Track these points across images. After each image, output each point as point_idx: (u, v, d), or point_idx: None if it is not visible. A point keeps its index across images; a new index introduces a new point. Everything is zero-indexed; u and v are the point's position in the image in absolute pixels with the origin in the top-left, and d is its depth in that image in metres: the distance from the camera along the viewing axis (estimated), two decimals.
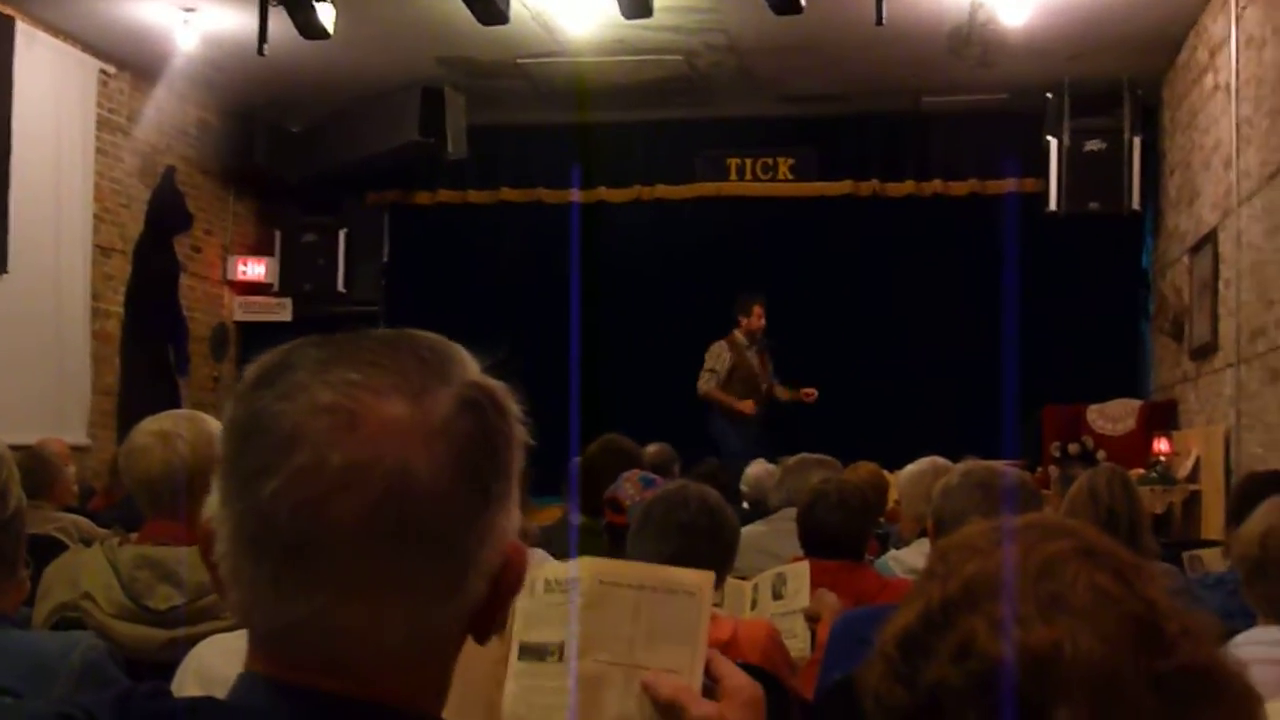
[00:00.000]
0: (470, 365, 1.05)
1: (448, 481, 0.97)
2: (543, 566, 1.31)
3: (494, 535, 1.01)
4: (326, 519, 0.93)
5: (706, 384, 9.55)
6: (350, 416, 0.95)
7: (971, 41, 9.24)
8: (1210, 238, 8.33)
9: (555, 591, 1.29)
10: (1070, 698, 0.90)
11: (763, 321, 9.58)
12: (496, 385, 1.06)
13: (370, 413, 0.96)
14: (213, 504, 1.00)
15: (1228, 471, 7.60)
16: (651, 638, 1.25)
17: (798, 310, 9.87)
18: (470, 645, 1.13)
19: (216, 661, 2.07)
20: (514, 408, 1.07)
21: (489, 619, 1.05)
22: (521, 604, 1.30)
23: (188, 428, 2.81)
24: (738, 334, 9.60)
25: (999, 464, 3.21)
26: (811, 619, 3.68)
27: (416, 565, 0.96)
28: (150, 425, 2.86)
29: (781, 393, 9.59)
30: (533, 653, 1.28)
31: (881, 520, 6.51)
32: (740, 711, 1.20)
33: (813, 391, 9.45)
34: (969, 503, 2.99)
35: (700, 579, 1.27)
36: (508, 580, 1.04)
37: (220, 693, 1.02)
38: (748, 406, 9.43)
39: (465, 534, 0.99)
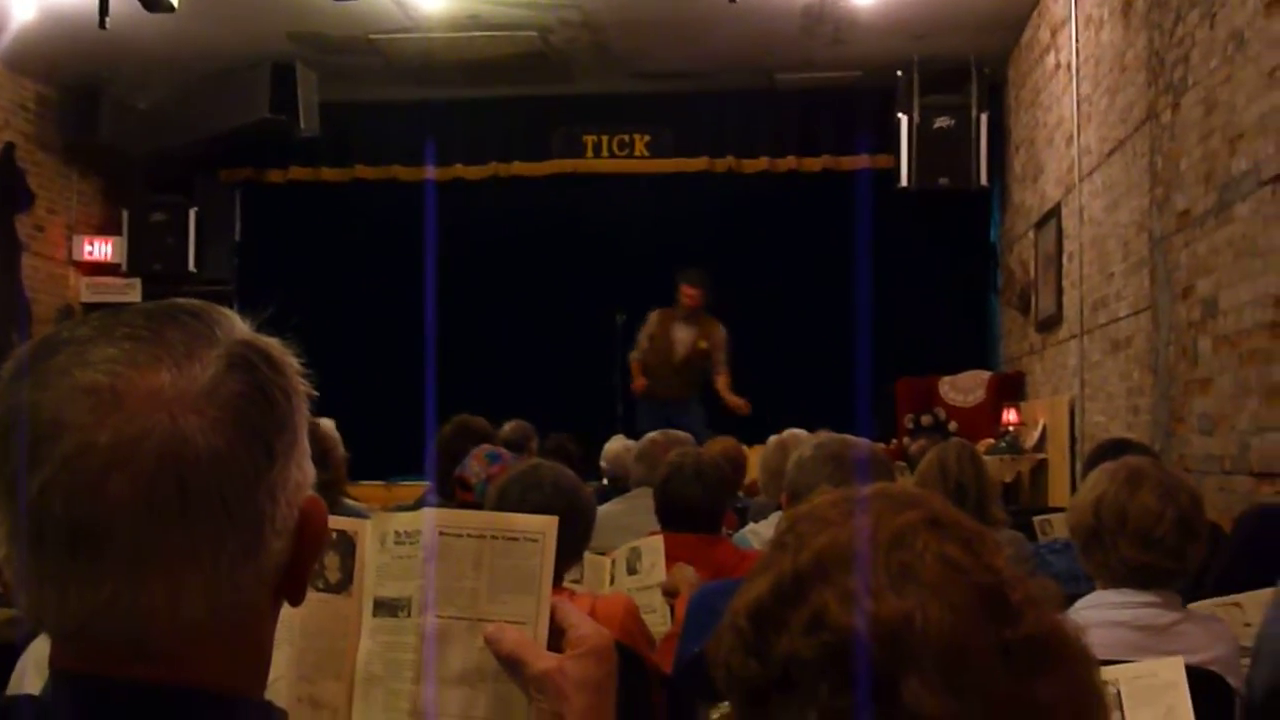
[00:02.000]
0: (238, 325, 1.01)
1: (224, 443, 0.94)
2: (391, 518, 1.29)
3: (285, 490, 0.98)
4: (103, 502, 0.90)
5: (631, 354, 9.52)
6: (113, 394, 0.92)
7: (824, 19, 9.34)
8: (1054, 213, 8.55)
9: (405, 543, 1.26)
10: (921, 668, 0.90)
11: (693, 301, 9.47)
12: (268, 341, 1.01)
13: (133, 387, 0.93)
14: None
15: (1073, 440, 7.83)
16: (495, 588, 1.22)
17: (653, 287, 9.88)
18: (322, 603, 1.11)
19: None
20: (289, 361, 1.02)
21: (296, 578, 1.02)
22: (373, 558, 1.28)
23: None
24: (675, 308, 9.56)
25: (851, 437, 3.25)
26: (670, 594, 3.70)
27: (206, 532, 0.93)
28: None
29: (723, 388, 9.51)
30: (386, 608, 1.26)
31: (740, 494, 6.58)
32: (584, 661, 1.17)
33: (745, 405, 9.31)
34: (822, 475, 3.04)
35: (543, 524, 1.24)
36: (308, 535, 1.02)
37: None
38: (637, 385, 9.39)
39: (253, 493, 0.96)
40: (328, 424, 4.72)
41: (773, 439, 5.50)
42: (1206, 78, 5.48)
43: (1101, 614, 2.72)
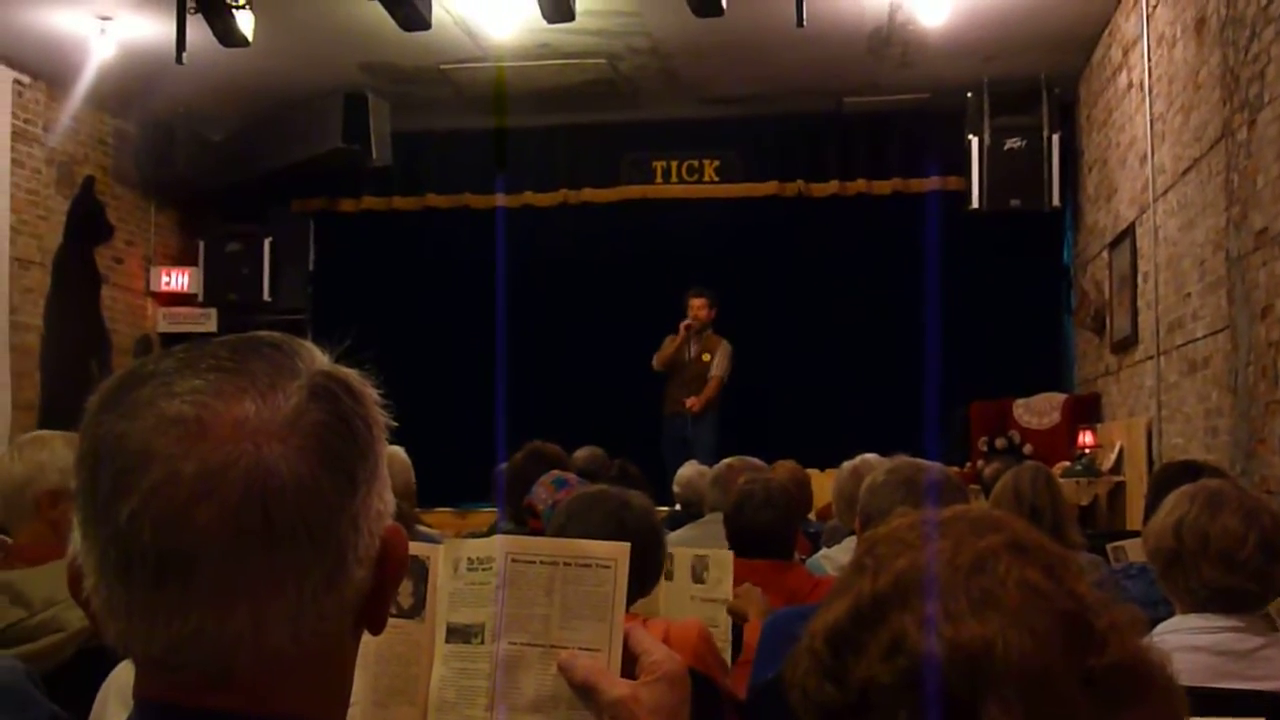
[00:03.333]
0: (318, 357, 1.03)
1: (309, 472, 0.95)
2: (464, 545, 1.30)
3: (367, 520, 1.00)
4: (190, 531, 0.91)
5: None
6: (199, 424, 0.93)
7: (892, 42, 9.32)
8: (1128, 233, 8.46)
9: (477, 570, 1.27)
10: (1002, 695, 0.89)
11: (701, 313, 9.63)
12: (348, 372, 1.03)
13: (218, 417, 0.94)
14: (75, 539, 0.97)
15: (1150, 462, 7.72)
16: (567, 615, 1.22)
17: (725, 311, 9.90)
18: (395, 629, 1.11)
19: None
20: (369, 392, 1.03)
21: (377, 607, 1.03)
22: (446, 584, 1.28)
23: (59, 444, 2.75)
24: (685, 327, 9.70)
25: (924, 461, 3.23)
26: (739, 617, 3.68)
27: (291, 561, 0.94)
28: (21, 439, 2.82)
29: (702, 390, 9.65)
30: (459, 634, 1.27)
31: (812, 518, 6.55)
32: (657, 688, 1.17)
33: (694, 403, 9.55)
34: (894, 499, 3.02)
35: (615, 550, 1.24)
36: (390, 564, 1.03)
37: None
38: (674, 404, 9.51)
39: (336, 522, 0.97)
40: (397, 451, 4.76)
41: (846, 465, 5.47)
42: None
43: (1181, 639, 2.67)
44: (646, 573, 3.07)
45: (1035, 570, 0.95)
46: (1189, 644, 2.66)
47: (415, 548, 1.24)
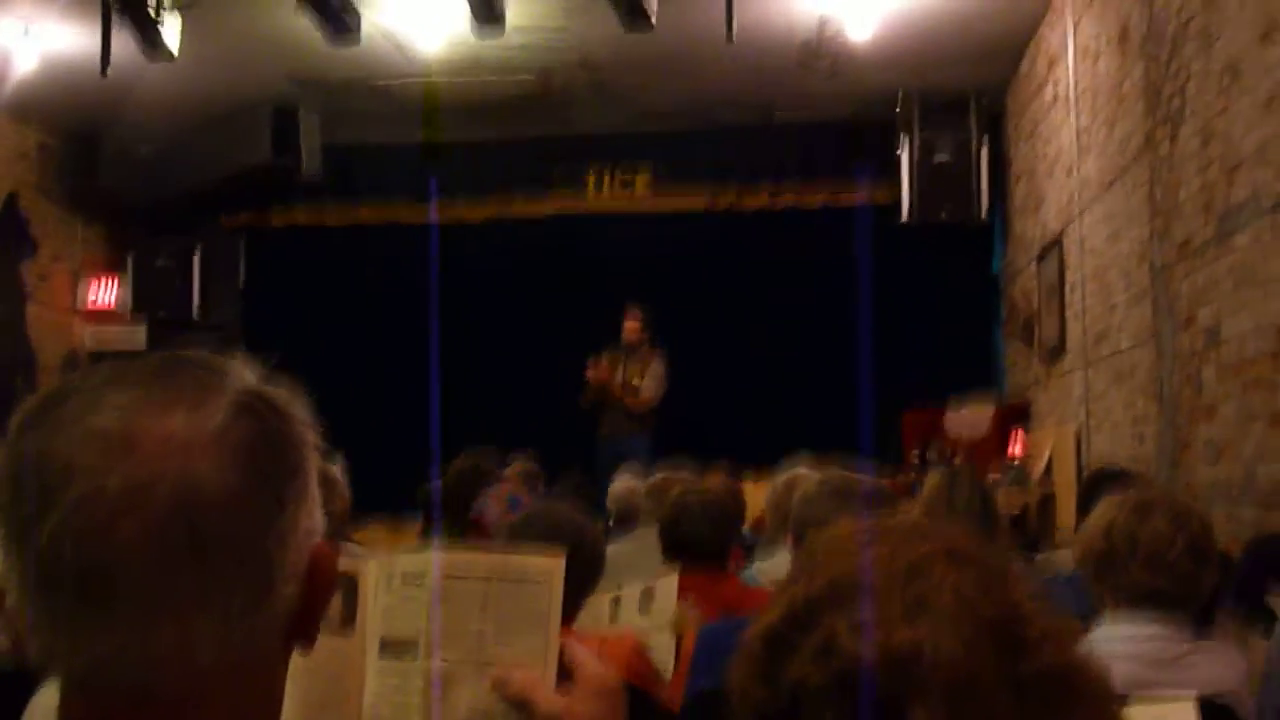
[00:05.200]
0: (247, 374, 1.02)
1: (236, 488, 0.94)
2: (398, 559, 1.29)
3: (295, 536, 0.99)
4: (114, 547, 0.90)
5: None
6: (124, 438, 0.92)
7: (821, 55, 9.38)
8: (1055, 244, 8.56)
9: (412, 585, 1.26)
10: (928, 700, 0.90)
11: (632, 336, 9.60)
12: (276, 390, 1.02)
13: (145, 432, 0.93)
14: None
15: (1079, 470, 7.80)
16: (502, 629, 1.22)
17: (656, 322, 9.92)
18: (324, 643, 1.10)
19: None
20: (297, 410, 1.02)
21: (306, 625, 1.03)
22: (380, 599, 1.28)
23: None
24: (620, 346, 9.66)
25: (855, 473, 3.26)
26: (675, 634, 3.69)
27: (218, 577, 0.93)
28: None
29: (630, 398, 9.62)
30: (392, 650, 1.26)
31: (745, 530, 6.56)
32: (593, 701, 1.18)
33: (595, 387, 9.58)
34: (827, 510, 3.04)
35: (549, 564, 1.24)
36: (318, 582, 1.02)
37: None
38: (594, 375, 9.58)
39: (263, 538, 0.96)
40: (334, 471, 4.72)
41: (780, 478, 5.48)
42: (1204, 108, 5.50)
43: (1110, 648, 2.70)
44: (580, 583, 3.10)
45: (969, 578, 0.96)
46: (1117, 652, 2.69)
47: (345, 562, 1.23)
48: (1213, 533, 2.88)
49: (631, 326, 9.63)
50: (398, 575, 1.27)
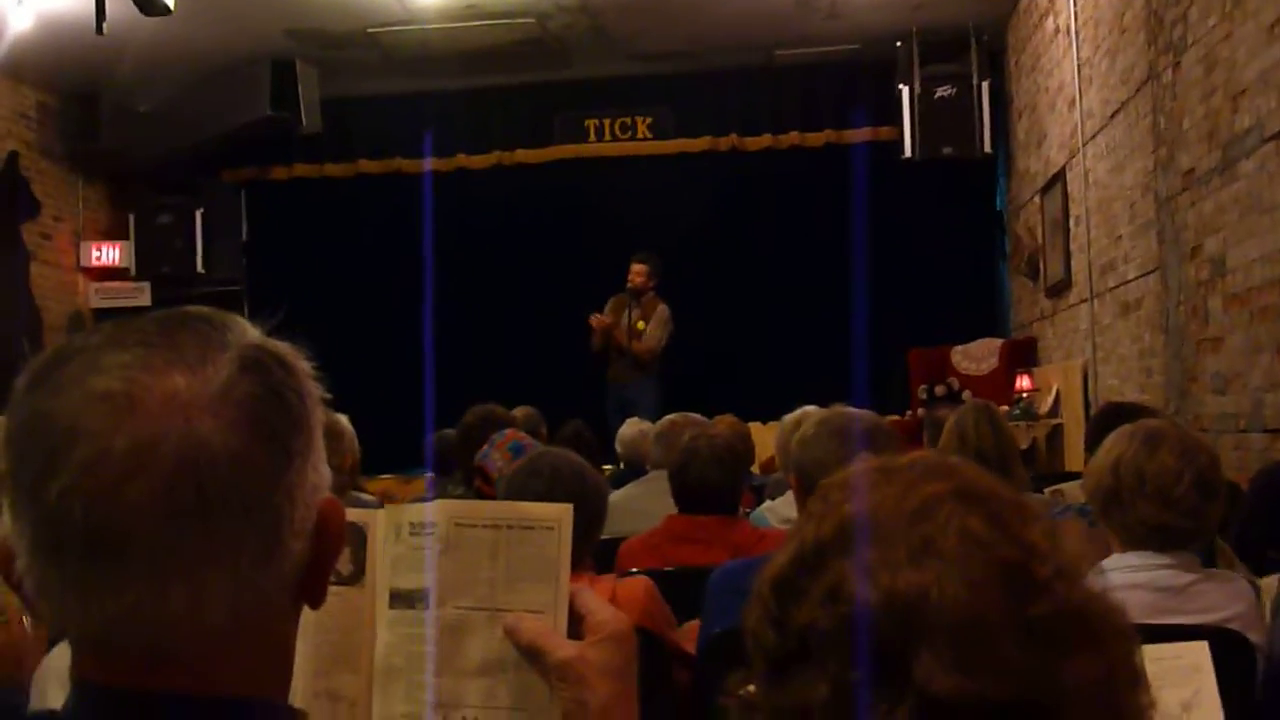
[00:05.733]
0: (249, 330, 1.01)
1: (241, 444, 0.94)
2: (406, 509, 1.29)
3: (302, 491, 0.99)
4: (122, 507, 0.90)
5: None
6: (128, 399, 0.92)
7: None
8: (1059, 177, 8.53)
9: (420, 535, 1.26)
10: (933, 644, 0.88)
11: (638, 279, 9.58)
12: (279, 345, 1.02)
13: (148, 391, 0.92)
14: (5, 521, 0.95)
15: (1087, 404, 7.82)
16: (511, 578, 1.22)
17: (662, 267, 9.90)
18: (335, 596, 1.10)
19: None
20: (301, 365, 1.02)
21: (316, 580, 1.03)
22: (389, 549, 1.28)
23: None
24: (626, 293, 9.65)
25: (855, 410, 3.24)
26: None
27: (226, 534, 0.93)
28: None
29: (635, 345, 9.63)
30: (402, 600, 1.26)
31: (755, 471, 6.58)
32: (604, 648, 1.17)
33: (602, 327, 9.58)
34: (826, 450, 3.02)
35: (558, 512, 1.23)
36: (327, 537, 1.02)
37: None
38: (596, 322, 9.56)
39: (271, 493, 0.96)
40: (343, 421, 4.73)
41: (787, 418, 5.49)
42: (1206, 35, 5.46)
43: (1119, 577, 2.72)
44: (585, 529, 3.12)
45: (978, 518, 0.94)
46: (1127, 582, 2.70)
47: (353, 514, 1.22)
48: (1220, 466, 2.88)
49: (638, 270, 9.61)
50: (405, 525, 1.27)
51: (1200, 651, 2.08)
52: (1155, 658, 2.30)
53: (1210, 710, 2.03)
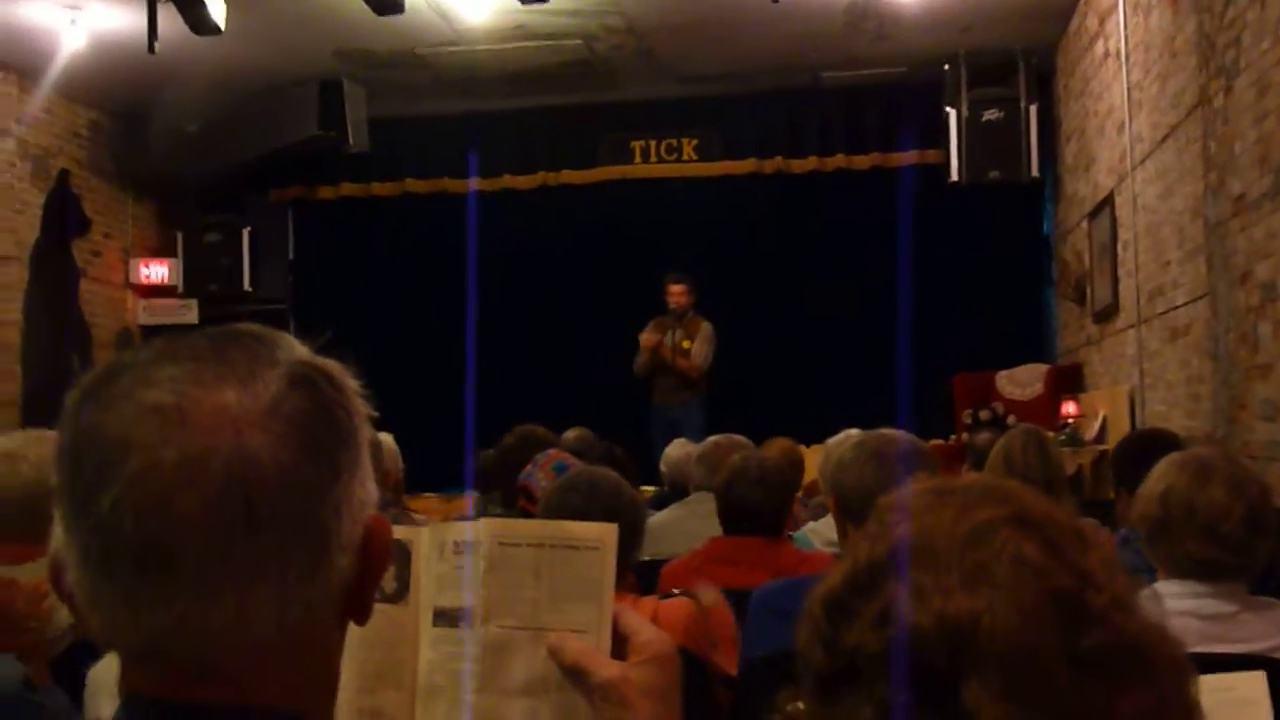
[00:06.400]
0: (298, 347, 1.02)
1: (290, 459, 0.94)
2: (450, 528, 1.29)
3: (350, 507, 0.99)
4: (172, 520, 0.91)
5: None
6: (179, 413, 0.93)
7: (868, 15, 9.30)
8: (1107, 202, 8.47)
9: (463, 553, 1.26)
10: (982, 672, 0.88)
11: (681, 299, 9.61)
12: (328, 362, 1.03)
13: (198, 405, 0.93)
14: (57, 534, 0.97)
15: (1137, 429, 7.74)
16: (555, 597, 1.21)
17: (706, 289, 9.90)
18: (380, 613, 1.11)
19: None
20: (349, 382, 1.03)
21: (361, 596, 1.03)
22: (433, 567, 1.28)
23: (35, 448, 2.71)
24: (667, 315, 9.67)
25: (892, 431, 3.21)
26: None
27: (274, 548, 0.94)
28: (12, 437, 2.76)
29: (680, 363, 9.64)
30: (445, 618, 1.26)
31: (799, 496, 6.55)
32: (648, 668, 1.17)
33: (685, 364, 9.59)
34: (863, 473, 3.00)
35: (603, 532, 1.24)
36: (373, 553, 1.02)
37: None
38: (646, 341, 9.60)
39: (318, 508, 0.96)
40: (387, 439, 4.75)
41: (831, 441, 5.47)
42: (1259, 59, 5.41)
43: (1166, 604, 2.68)
44: (622, 549, 3.11)
45: (1034, 544, 0.93)
46: (1173, 609, 2.67)
47: (399, 531, 1.23)
48: (1271, 498, 2.85)
49: (679, 290, 9.63)
50: (449, 544, 1.27)
51: (1257, 682, 2.04)
52: (1210, 689, 2.26)
53: None
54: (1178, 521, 2.73)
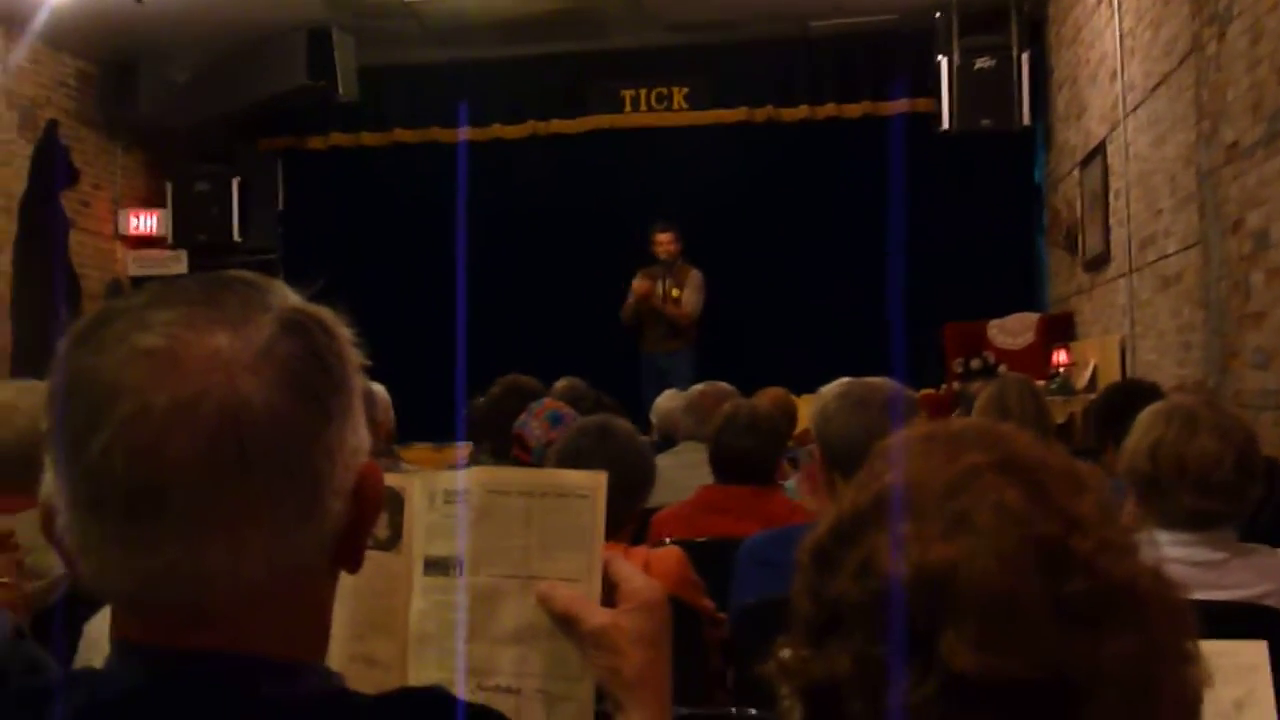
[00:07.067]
0: (290, 294, 1.02)
1: (282, 402, 0.94)
2: (440, 476, 1.29)
3: (342, 453, 0.99)
4: (163, 463, 0.91)
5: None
6: (170, 356, 0.93)
7: None
8: (1099, 150, 8.45)
9: (454, 502, 1.26)
10: (959, 621, 0.87)
11: (671, 247, 9.58)
12: (320, 309, 1.02)
13: (190, 349, 0.93)
14: (48, 479, 0.96)
15: (1117, 381, 7.75)
16: (545, 546, 1.22)
17: (697, 240, 9.87)
18: (372, 560, 1.11)
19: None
20: (342, 329, 1.03)
21: (353, 544, 1.03)
22: (424, 516, 1.28)
23: (28, 398, 2.71)
24: (656, 265, 9.65)
25: (875, 379, 3.20)
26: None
27: (266, 492, 0.94)
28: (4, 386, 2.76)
29: (670, 308, 9.62)
30: (437, 567, 1.26)
31: (791, 444, 6.56)
32: (638, 616, 1.17)
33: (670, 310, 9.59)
34: (848, 422, 3.00)
35: (592, 480, 1.23)
36: (365, 500, 1.02)
37: None
38: (638, 288, 9.56)
39: (311, 452, 0.96)
40: (379, 389, 4.74)
41: (824, 388, 5.46)
42: (1252, 5, 5.38)
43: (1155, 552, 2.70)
44: (630, 497, 3.14)
45: (1018, 491, 0.91)
46: (1164, 557, 2.68)
47: (391, 479, 1.23)
48: (1257, 442, 2.85)
49: (666, 239, 9.59)
50: (440, 492, 1.27)
51: (1258, 651, 2.05)
52: (1210, 653, 2.27)
53: (1265, 710, 2.01)
54: (1169, 475, 2.72)
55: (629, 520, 3.26)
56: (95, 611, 2.15)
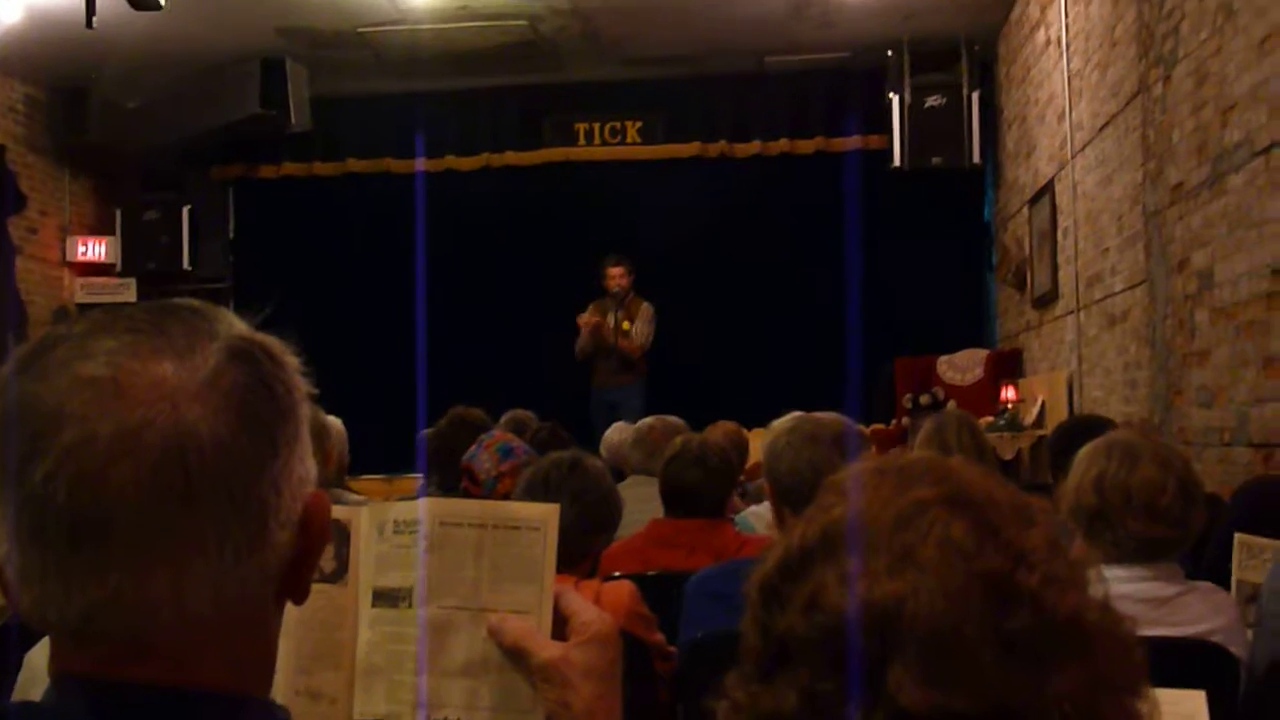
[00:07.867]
0: (237, 322, 1.01)
1: (228, 432, 0.93)
2: (390, 507, 1.28)
3: (289, 484, 0.98)
4: (106, 492, 0.89)
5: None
6: (115, 385, 0.91)
7: (812, 2, 9.31)
8: (1047, 189, 8.54)
9: (404, 533, 1.25)
10: (905, 656, 0.87)
11: (619, 281, 9.59)
12: (267, 337, 1.01)
13: (135, 377, 0.92)
14: None
15: (1071, 415, 7.82)
16: (497, 578, 1.21)
17: (649, 274, 9.89)
18: (318, 593, 1.10)
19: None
20: (289, 358, 1.02)
21: (299, 575, 1.02)
22: (373, 547, 1.26)
23: None
24: (606, 298, 9.64)
25: (826, 415, 3.23)
26: None
27: (211, 522, 0.92)
28: None
29: (623, 344, 9.61)
30: (386, 598, 1.25)
31: (743, 478, 6.57)
32: (589, 649, 1.17)
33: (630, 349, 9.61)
34: (797, 458, 3.02)
35: (544, 512, 1.23)
36: (312, 531, 1.01)
37: None
38: (585, 321, 9.56)
39: (256, 482, 0.95)
40: (335, 422, 4.72)
41: (776, 422, 5.47)
42: (1197, 49, 5.47)
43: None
44: (593, 532, 3.15)
45: (964, 525, 0.92)
46: (1113, 593, 2.70)
47: (337, 511, 1.22)
48: (1194, 469, 2.90)
49: (618, 272, 9.61)
50: (390, 523, 1.26)
51: (1196, 700, 2.06)
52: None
53: None
54: (1115, 506, 2.76)
55: (589, 555, 3.25)
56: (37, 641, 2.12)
